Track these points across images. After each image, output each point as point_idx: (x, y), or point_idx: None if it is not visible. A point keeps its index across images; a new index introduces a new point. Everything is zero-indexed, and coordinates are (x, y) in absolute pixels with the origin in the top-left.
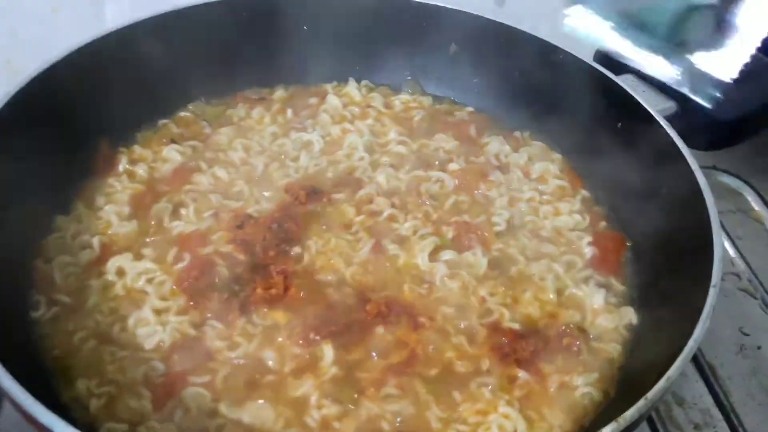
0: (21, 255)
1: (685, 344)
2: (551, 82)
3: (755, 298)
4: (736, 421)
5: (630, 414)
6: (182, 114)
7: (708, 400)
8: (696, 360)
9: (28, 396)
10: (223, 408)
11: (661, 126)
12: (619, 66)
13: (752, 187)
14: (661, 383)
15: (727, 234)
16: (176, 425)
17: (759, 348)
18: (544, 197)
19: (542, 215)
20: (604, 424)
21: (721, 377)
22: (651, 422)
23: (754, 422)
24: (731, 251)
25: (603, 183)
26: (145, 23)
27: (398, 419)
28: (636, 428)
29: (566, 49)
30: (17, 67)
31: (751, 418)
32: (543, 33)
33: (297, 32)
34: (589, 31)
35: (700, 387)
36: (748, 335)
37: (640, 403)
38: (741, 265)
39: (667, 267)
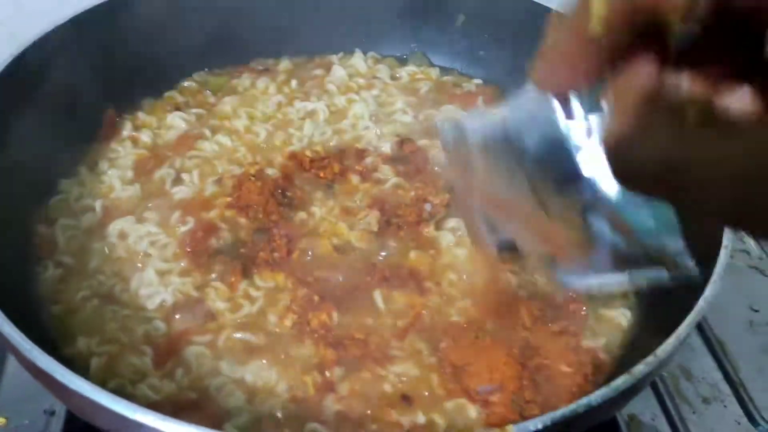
0: (25, 217)
1: (694, 304)
2: None
3: (766, 276)
4: (745, 396)
5: (639, 369)
6: (186, 84)
7: (717, 375)
8: (704, 335)
9: (33, 347)
10: (224, 367)
11: None
12: None
13: None
14: (671, 340)
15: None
16: (177, 383)
17: None
18: None
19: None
20: None
21: (730, 352)
22: (659, 395)
23: (764, 397)
24: None
25: None
26: None
27: (401, 380)
28: (645, 386)
29: None
30: (21, 39)
31: (761, 392)
32: (555, 3)
33: (303, 3)
34: None
35: (709, 362)
36: (757, 311)
37: (650, 359)
38: (751, 242)
39: None
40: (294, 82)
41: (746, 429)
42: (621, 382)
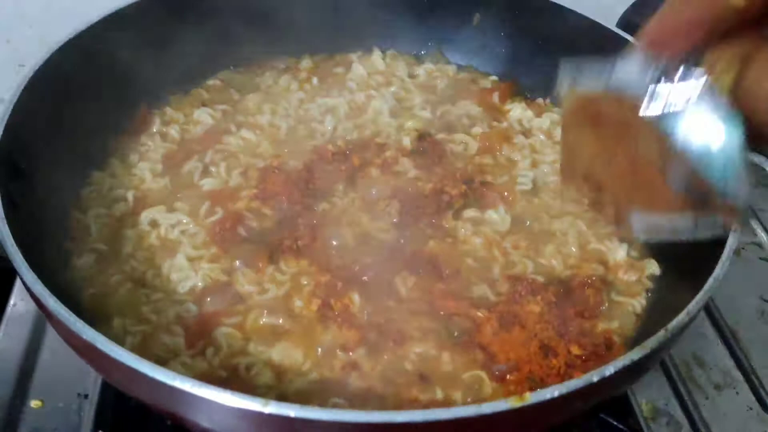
0: (61, 204)
1: (705, 281)
2: (574, 50)
3: None
4: (757, 382)
5: (651, 343)
6: (211, 82)
7: (729, 363)
8: (717, 324)
9: (77, 320)
10: (252, 347)
11: None
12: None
13: None
14: (682, 316)
15: (750, 207)
16: (207, 361)
17: None
18: None
19: None
20: None
21: (741, 341)
22: (672, 381)
23: None
24: (753, 222)
25: None
26: None
27: (420, 360)
28: (656, 361)
29: (590, 17)
30: (52, 37)
31: None
32: (568, 2)
33: (323, 3)
34: None
35: (721, 350)
36: None
37: (661, 333)
38: (764, 236)
39: None
40: (315, 80)
41: (758, 414)
42: (633, 354)
